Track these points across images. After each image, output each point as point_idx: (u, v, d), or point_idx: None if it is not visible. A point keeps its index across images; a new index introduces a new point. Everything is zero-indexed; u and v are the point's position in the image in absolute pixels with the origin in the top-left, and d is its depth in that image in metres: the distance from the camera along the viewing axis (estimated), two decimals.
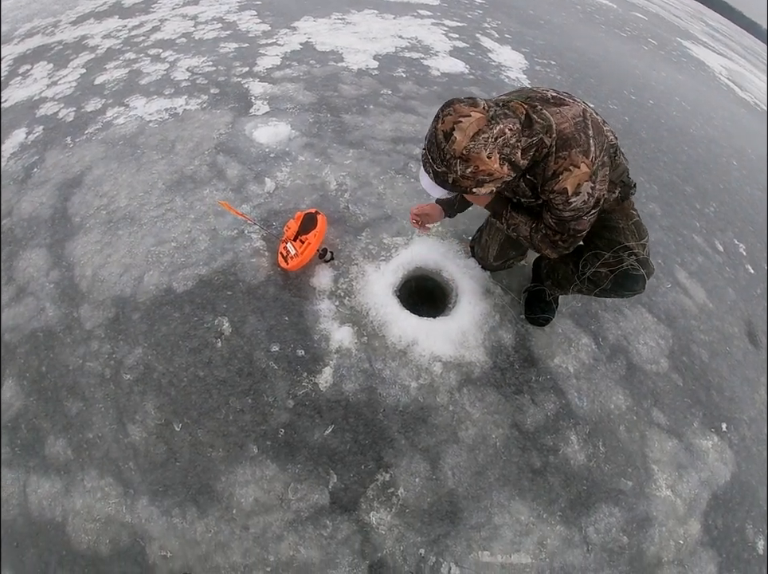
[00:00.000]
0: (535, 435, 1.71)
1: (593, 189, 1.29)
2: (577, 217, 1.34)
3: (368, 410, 1.66)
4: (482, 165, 1.16)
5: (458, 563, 1.50)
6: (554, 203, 1.32)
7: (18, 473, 1.74)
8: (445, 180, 1.21)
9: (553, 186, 1.29)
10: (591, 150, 1.26)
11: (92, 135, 2.92)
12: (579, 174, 1.26)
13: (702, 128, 4.22)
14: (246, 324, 1.80)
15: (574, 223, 1.37)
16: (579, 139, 1.26)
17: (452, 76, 3.12)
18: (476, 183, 1.20)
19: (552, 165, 1.27)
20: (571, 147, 1.25)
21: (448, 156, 1.16)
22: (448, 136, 1.14)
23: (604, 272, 1.50)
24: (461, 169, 1.17)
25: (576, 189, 1.27)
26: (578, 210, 1.32)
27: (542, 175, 1.30)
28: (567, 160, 1.25)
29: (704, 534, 1.76)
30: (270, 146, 2.41)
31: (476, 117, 1.14)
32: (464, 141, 1.13)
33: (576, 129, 1.26)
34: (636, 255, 1.46)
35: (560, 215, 1.35)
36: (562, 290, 1.76)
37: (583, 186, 1.27)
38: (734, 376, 2.23)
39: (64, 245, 2.27)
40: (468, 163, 1.16)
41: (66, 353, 1.91)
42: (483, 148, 1.15)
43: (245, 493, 1.55)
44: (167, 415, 1.69)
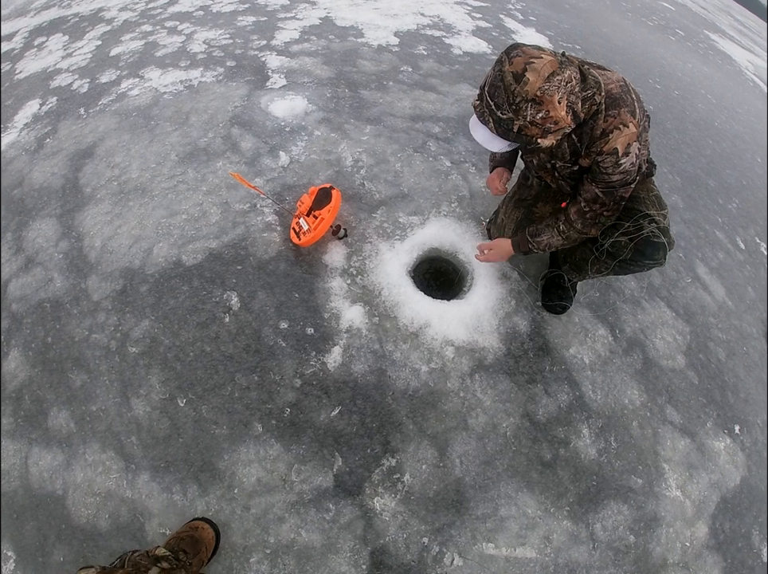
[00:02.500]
0: (547, 426, 1.63)
1: (639, 151, 1.22)
2: (625, 181, 1.27)
3: (377, 392, 1.59)
4: (552, 110, 1.07)
5: (462, 554, 1.44)
6: (603, 167, 1.24)
7: (21, 445, 1.70)
8: (509, 129, 1.11)
9: (602, 146, 1.21)
10: (637, 111, 1.20)
11: (105, 106, 2.82)
12: (629, 134, 1.19)
13: (727, 122, 4.01)
14: (255, 300, 1.71)
15: (622, 189, 1.29)
16: (626, 99, 1.20)
17: (475, 56, 2.96)
18: (542, 132, 1.11)
19: (601, 123, 1.19)
20: (620, 107, 1.18)
21: (519, 99, 1.05)
22: (520, 77, 1.04)
23: (623, 241, 1.42)
24: (532, 113, 1.07)
25: (626, 149, 1.20)
26: (627, 173, 1.24)
27: (590, 134, 1.22)
28: (617, 119, 1.18)
29: (711, 538, 1.69)
30: (286, 120, 2.29)
31: (548, 59, 1.05)
32: (538, 82, 1.03)
33: (622, 91, 1.20)
34: (657, 223, 1.37)
35: (608, 180, 1.27)
36: (581, 273, 1.66)
37: (632, 146, 1.20)
38: (750, 378, 2.12)
39: (74, 216, 2.20)
40: (541, 106, 1.06)
41: (72, 324, 1.86)
42: (556, 91, 1.06)
43: (248, 473, 1.49)
44: (172, 390, 1.62)
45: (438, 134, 2.29)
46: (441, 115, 2.40)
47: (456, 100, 2.52)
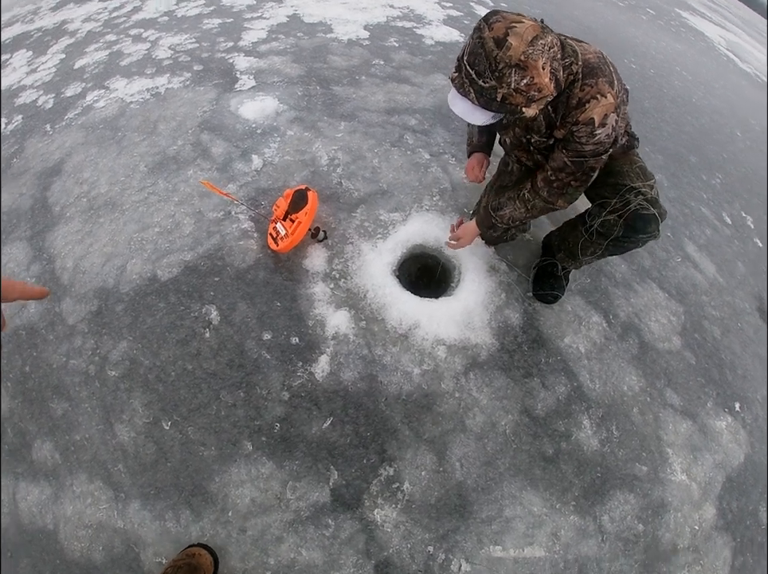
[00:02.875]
0: (546, 421, 1.58)
1: (616, 122, 1.18)
2: (597, 152, 1.22)
3: (369, 399, 1.52)
4: (537, 77, 1.02)
5: (469, 559, 1.38)
6: (577, 136, 1.20)
7: (7, 480, 1.63)
8: (492, 98, 1.04)
9: (578, 116, 1.16)
10: (615, 82, 1.16)
11: (71, 120, 2.71)
12: (606, 104, 1.14)
13: (704, 98, 3.99)
14: (236, 312, 1.63)
15: (593, 160, 1.24)
16: (604, 70, 1.15)
17: (447, 45, 2.89)
18: (526, 100, 1.05)
19: (578, 92, 1.15)
20: (597, 76, 1.14)
21: (502, 65, 0.99)
22: (501, 43, 0.97)
23: (612, 218, 1.38)
24: (516, 80, 1.00)
25: (603, 119, 1.15)
26: (601, 144, 1.20)
27: (566, 104, 1.17)
28: (594, 88, 1.13)
29: (719, 518, 1.66)
30: (257, 121, 2.20)
31: (530, 23, 1.00)
32: (521, 46, 0.97)
33: (600, 61, 1.16)
34: (644, 194, 1.33)
35: (580, 150, 1.22)
36: (575, 259, 1.62)
37: (609, 118, 1.15)
38: (746, 353, 2.10)
39: (45, 237, 2.10)
40: (525, 72, 1.00)
41: (49, 351, 1.77)
42: (540, 56, 1.00)
43: (241, 494, 1.42)
44: (156, 413, 1.54)
45: (415, 126, 2.22)
46: (417, 107, 2.33)
47: (431, 90, 2.45)
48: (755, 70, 6.19)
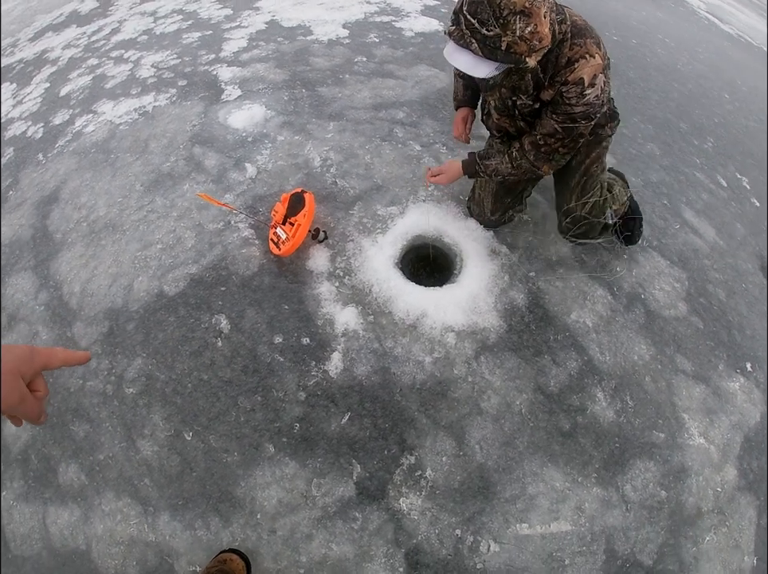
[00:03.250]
0: (561, 397, 1.59)
1: (605, 84, 1.19)
2: (587, 114, 1.22)
3: (384, 391, 1.53)
4: (539, 25, 1.02)
5: (497, 539, 1.40)
6: (567, 97, 1.20)
7: (36, 506, 1.65)
8: (497, 47, 1.02)
9: (567, 76, 1.17)
10: (601, 43, 1.17)
11: (63, 147, 2.73)
12: (594, 65, 1.15)
13: (689, 64, 3.96)
14: (245, 319, 1.65)
15: (583, 124, 1.25)
16: (591, 31, 1.17)
17: (428, 35, 2.88)
18: (529, 49, 1.04)
19: (567, 51, 1.15)
20: (585, 37, 1.15)
21: (506, 12, 0.99)
22: None
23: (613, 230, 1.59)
24: (521, 27, 1.00)
25: (592, 80, 1.16)
26: (590, 106, 1.20)
27: (555, 63, 1.18)
28: (583, 48, 1.14)
29: (740, 479, 1.66)
30: (246, 130, 2.21)
31: None
32: None
33: (586, 24, 1.18)
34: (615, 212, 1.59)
35: (570, 112, 1.22)
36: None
37: (598, 78, 1.16)
38: (753, 313, 2.09)
39: (49, 265, 2.12)
40: (530, 19, 1.00)
41: (65, 375, 1.79)
42: (542, 4, 1.01)
43: (268, 496, 1.44)
44: (176, 425, 1.56)
45: (403, 119, 2.22)
46: (403, 99, 2.33)
47: (416, 82, 2.45)
48: (737, 30, 6.13)
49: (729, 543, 1.60)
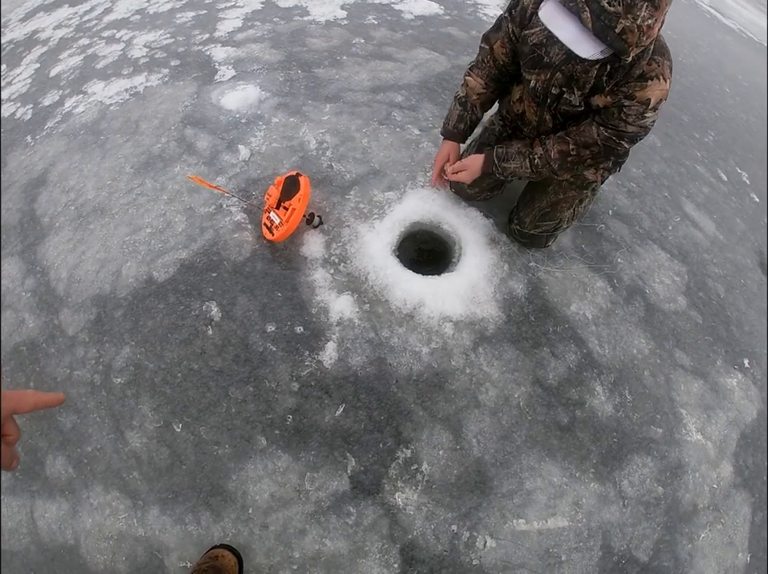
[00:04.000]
0: (559, 390, 1.54)
1: (659, 110, 1.11)
2: (636, 136, 1.16)
3: (379, 383, 1.47)
4: (658, 21, 0.90)
5: (493, 535, 1.35)
6: (626, 113, 1.10)
7: (23, 499, 1.58)
8: (611, 26, 0.87)
9: (636, 91, 1.07)
10: (672, 69, 1.09)
11: (52, 129, 2.60)
12: (664, 89, 1.07)
13: (690, 56, 3.88)
14: (236, 306, 1.57)
15: (627, 144, 1.18)
16: (669, 53, 1.08)
17: (427, 19, 2.77)
18: (638, 42, 0.91)
19: (644, 65, 1.05)
20: (665, 56, 1.06)
21: None
22: None
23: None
24: (644, 16, 0.87)
25: (656, 104, 1.08)
26: (644, 129, 1.13)
27: (627, 72, 1.06)
28: (660, 67, 1.05)
29: (736, 475, 1.64)
30: (240, 111, 2.10)
31: None
32: None
33: (665, 44, 1.08)
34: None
35: (622, 129, 1.13)
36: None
37: (661, 104, 1.09)
38: (751, 309, 2.06)
39: (36, 250, 2.02)
40: (655, 12, 0.88)
41: (52, 364, 1.71)
42: (668, 3, 0.90)
43: (260, 490, 1.38)
44: (165, 416, 1.49)
45: (402, 102, 2.13)
46: (402, 83, 2.23)
47: (415, 65, 2.35)
48: (739, 25, 6.03)
49: (723, 540, 1.57)
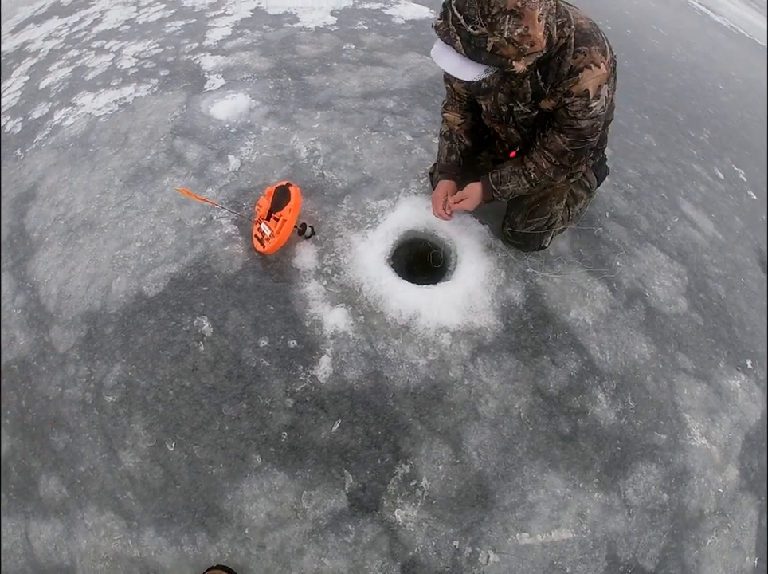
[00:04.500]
0: (561, 399, 1.50)
1: (608, 94, 1.10)
2: (594, 128, 1.15)
3: (376, 397, 1.43)
4: (531, 28, 0.91)
5: (496, 550, 1.32)
6: (572, 111, 1.11)
7: (18, 520, 1.55)
8: (482, 47, 0.92)
9: (571, 87, 1.07)
10: (607, 51, 1.06)
11: (41, 142, 2.57)
12: (599, 75, 1.05)
13: (683, 54, 3.86)
14: (228, 321, 1.54)
15: (591, 139, 1.18)
16: (597, 37, 1.06)
17: (418, 23, 2.75)
18: (517, 53, 0.94)
19: (570, 60, 1.05)
20: (590, 44, 1.04)
21: (495, 11, 0.88)
22: None
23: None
24: (510, 28, 0.90)
25: (597, 91, 1.07)
26: (596, 118, 1.12)
27: (556, 71, 1.07)
28: (587, 56, 1.04)
29: (742, 479, 1.60)
30: (230, 120, 2.07)
31: None
32: None
33: (592, 28, 1.06)
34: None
35: (576, 127, 1.14)
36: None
37: (603, 89, 1.07)
38: (753, 309, 2.03)
39: (26, 266, 1.98)
40: (521, 20, 0.89)
41: (44, 383, 1.67)
42: (537, 5, 0.90)
43: (256, 509, 1.34)
44: (158, 435, 1.45)
45: (393, 108, 2.09)
46: (394, 88, 2.20)
47: (407, 70, 2.32)
48: (731, 22, 6.03)
49: (731, 544, 1.54)
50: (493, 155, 1.58)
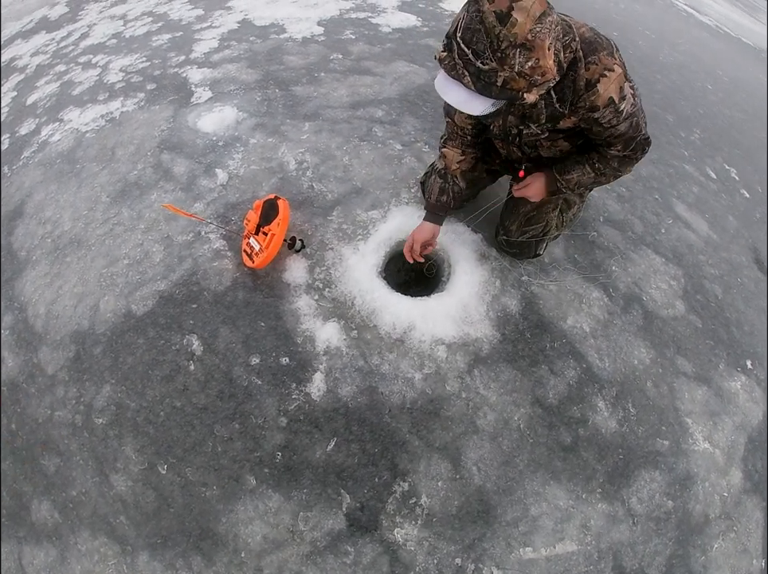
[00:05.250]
0: (560, 409, 1.47)
1: (633, 88, 1.07)
2: (636, 125, 1.12)
3: (372, 413, 1.40)
4: (542, 58, 0.89)
5: (499, 566, 1.28)
6: (605, 122, 1.08)
7: (11, 546, 1.53)
8: (492, 82, 0.90)
9: (594, 101, 1.04)
10: (614, 50, 1.04)
11: (28, 159, 2.54)
12: (616, 77, 1.02)
13: (670, 55, 3.88)
14: (219, 339, 1.50)
15: (638, 133, 1.14)
16: (601, 41, 1.03)
17: (405, 31, 2.73)
18: (528, 85, 0.92)
19: (583, 73, 1.02)
20: (597, 51, 1.01)
21: (505, 45, 0.85)
22: (505, 18, 0.83)
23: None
24: (521, 62, 0.87)
25: (620, 93, 1.04)
26: (632, 116, 1.09)
27: (572, 88, 1.04)
28: (599, 65, 1.01)
29: (746, 481, 1.58)
30: (217, 133, 2.04)
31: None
32: (527, 23, 0.84)
33: (593, 33, 1.03)
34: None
35: (619, 134, 1.12)
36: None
37: (625, 88, 1.05)
38: (750, 308, 2.01)
39: (14, 285, 1.95)
40: (531, 53, 0.87)
41: (33, 405, 1.64)
42: (547, 35, 0.87)
43: (251, 532, 1.30)
44: (150, 457, 1.41)
45: (382, 117, 2.08)
46: (382, 97, 2.19)
47: (395, 78, 2.31)
48: (715, 21, 6.09)
49: (737, 548, 1.52)
50: (487, 166, 1.54)
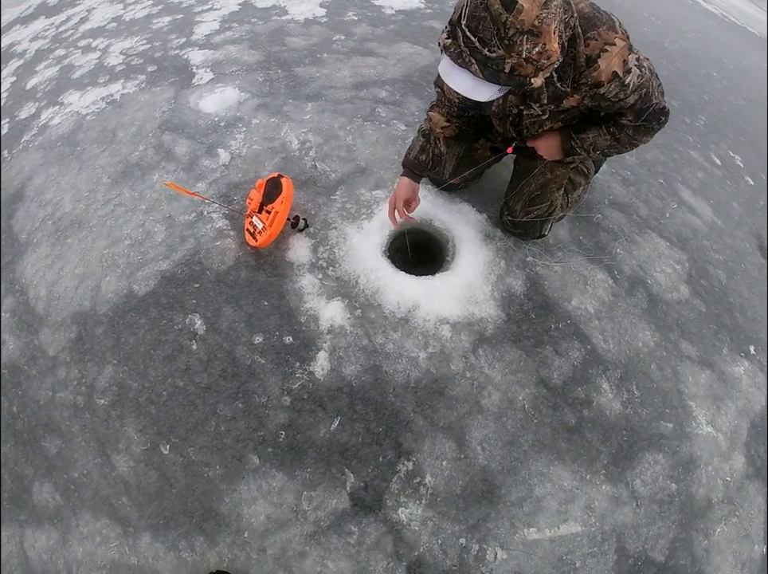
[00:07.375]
0: (565, 389, 1.45)
1: (639, 60, 1.02)
2: (646, 95, 1.07)
3: (376, 392, 1.37)
4: (549, 43, 0.87)
5: (504, 546, 1.26)
6: (612, 97, 1.04)
7: (12, 529, 1.50)
8: (500, 69, 0.87)
9: (597, 77, 1.01)
10: (616, 24, 0.99)
11: (28, 142, 2.49)
12: (618, 50, 0.98)
13: (676, 42, 3.81)
14: (221, 318, 1.47)
15: (649, 104, 1.09)
16: (601, 16, 0.99)
17: (408, 13, 2.67)
18: (535, 70, 0.90)
19: (583, 50, 0.99)
20: (597, 26, 0.98)
21: (512, 32, 0.83)
22: (510, 5, 0.81)
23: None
24: (528, 48, 0.85)
25: (624, 67, 1.00)
26: (641, 87, 1.04)
27: (573, 65, 1.01)
28: (599, 40, 0.97)
29: (749, 466, 1.56)
30: (219, 114, 1.99)
31: None
32: (534, 9, 0.82)
33: (592, 8, 1.00)
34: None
35: (629, 106, 1.08)
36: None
37: (629, 60, 1.00)
38: (754, 294, 1.98)
39: (15, 268, 1.91)
40: (538, 39, 0.85)
41: (35, 387, 1.60)
42: (552, 20, 0.85)
43: (255, 512, 1.28)
44: (152, 438, 1.39)
45: (386, 98, 2.02)
46: (386, 78, 2.13)
47: (399, 60, 2.25)
48: (721, 10, 5.98)
49: (739, 533, 1.50)
50: (491, 143, 1.52)
